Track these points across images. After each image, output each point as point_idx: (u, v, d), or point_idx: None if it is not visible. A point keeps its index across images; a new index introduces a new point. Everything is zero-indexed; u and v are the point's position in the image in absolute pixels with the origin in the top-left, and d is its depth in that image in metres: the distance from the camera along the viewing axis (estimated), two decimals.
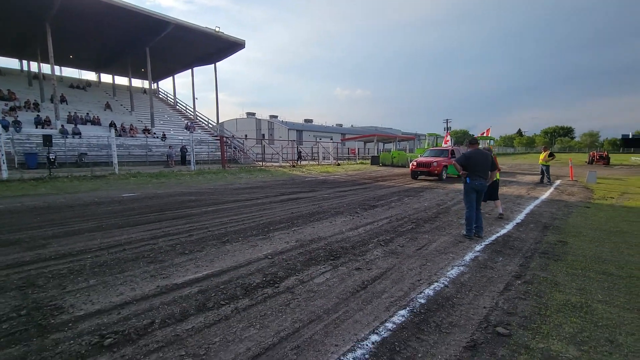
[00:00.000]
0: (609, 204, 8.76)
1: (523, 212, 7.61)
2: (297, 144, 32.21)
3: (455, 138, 59.36)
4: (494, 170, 5.62)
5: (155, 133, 26.57)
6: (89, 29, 23.60)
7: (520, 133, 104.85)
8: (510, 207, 8.16)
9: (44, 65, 27.58)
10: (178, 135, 27.64)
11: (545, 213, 7.47)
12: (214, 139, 29.80)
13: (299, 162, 28.97)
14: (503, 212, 7.14)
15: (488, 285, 3.46)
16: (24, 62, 30.11)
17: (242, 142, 31.84)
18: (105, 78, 35.80)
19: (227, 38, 27.33)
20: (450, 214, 7.24)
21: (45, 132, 19.28)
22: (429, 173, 14.70)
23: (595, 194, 10.59)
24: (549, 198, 9.82)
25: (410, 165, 15.91)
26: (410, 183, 13.70)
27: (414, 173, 15.27)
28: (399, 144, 47.31)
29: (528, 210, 7.77)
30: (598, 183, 13.81)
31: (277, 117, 57.12)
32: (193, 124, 31.95)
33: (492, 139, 31.43)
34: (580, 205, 8.50)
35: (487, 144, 26.79)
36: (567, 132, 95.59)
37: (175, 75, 36.32)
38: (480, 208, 5.54)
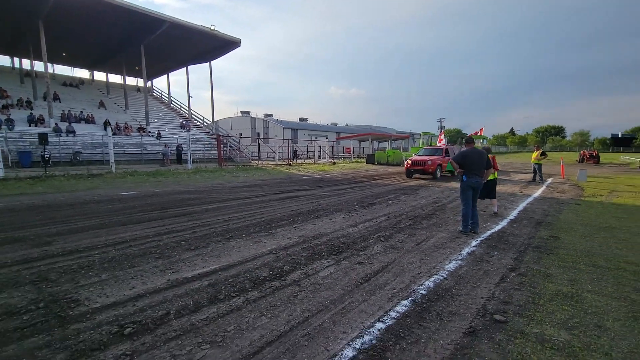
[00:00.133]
0: (599, 201, 9.05)
1: (516, 209, 7.83)
2: (292, 143, 32.29)
3: (449, 137, 59.89)
4: (489, 169, 5.81)
5: (150, 132, 26.47)
6: (83, 27, 23.39)
7: (513, 132, 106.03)
8: (504, 204, 8.38)
9: (36, 63, 27.30)
10: (173, 134, 27.57)
11: (538, 210, 7.71)
12: (210, 138, 29.77)
13: (295, 160, 29.07)
14: (498, 210, 7.36)
15: (485, 278, 3.63)
16: (16, 59, 29.74)
17: (237, 140, 31.85)
18: (99, 76, 35.53)
19: (222, 36, 27.30)
20: (447, 211, 7.43)
21: (40, 130, 19.14)
22: (424, 171, 14.90)
23: (586, 192, 10.91)
24: (541, 196, 10.09)
25: (405, 164, 16.07)
26: (406, 181, 13.90)
27: (409, 171, 15.44)
28: (394, 143, 47.64)
29: (521, 208, 8.00)
30: (588, 181, 14.18)
31: (271, 115, 57.07)
32: (188, 123, 31.85)
33: (485, 138, 31.81)
34: (571, 203, 8.77)
35: (481, 143, 27.18)
36: (558, 131, 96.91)
37: (169, 74, 36.17)
38: (476, 205, 5.73)
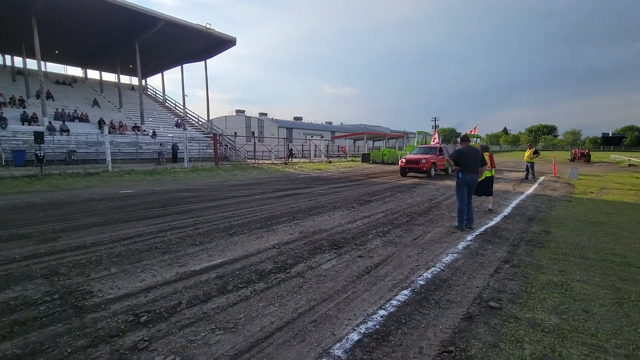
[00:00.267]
0: (589, 198, 9.33)
1: (510, 205, 8.06)
2: (287, 142, 32.36)
3: (443, 136, 60.41)
4: (484, 166, 6.00)
5: (145, 130, 26.34)
6: (77, 24, 23.17)
7: (506, 131, 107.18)
8: (498, 201, 8.60)
9: (28, 61, 26.98)
10: (168, 133, 27.45)
11: (530, 206, 7.94)
12: (205, 137, 29.72)
13: (291, 159, 29.17)
14: (492, 207, 7.56)
15: (480, 269, 3.80)
16: (7, 56, 29.38)
17: (232, 139, 31.84)
18: (92, 74, 35.14)
19: (218, 35, 27.23)
20: (442, 208, 7.62)
21: (33, 129, 18.98)
22: (418, 170, 15.05)
23: (577, 189, 11.21)
24: (534, 193, 10.35)
25: (400, 163, 16.23)
26: (402, 180, 14.11)
27: (403, 170, 15.57)
28: (388, 142, 48.00)
29: (514, 204, 8.23)
30: (579, 179, 14.53)
31: (266, 114, 57.03)
32: (183, 122, 31.74)
33: (478, 137, 32.19)
34: (563, 199, 9.04)
35: (474, 142, 27.52)
36: (550, 130, 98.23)
37: (163, 72, 35.95)
38: (471, 201, 5.92)
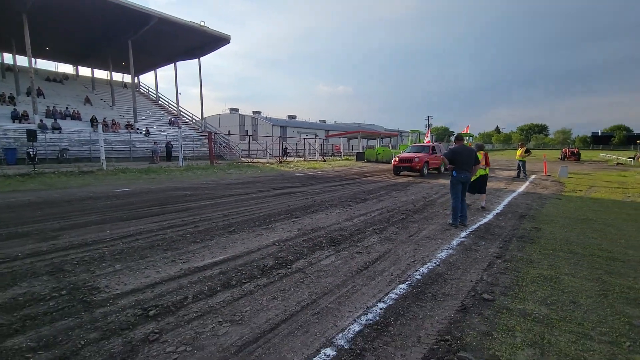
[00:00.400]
0: (578, 196, 9.60)
1: (502, 203, 8.27)
2: (281, 140, 32.38)
3: (436, 135, 60.85)
4: (477, 165, 6.16)
5: (139, 128, 26.13)
6: (68, 20, 22.87)
7: (498, 130, 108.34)
8: (491, 199, 8.80)
9: (18, 57, 26.58)
10: (161, 131, 27.27)
11: (522, 204, 8.16)
12: (199, 135, 29.59)
13: (286, 158, 29.22)
14: (485, 204, 7.75)
15: (473, 264, 3.95)
16: None
17: (226, 138, 31.74)
18: (83, 71, 34.73)
19: (212, 33, 27.09)
20: (436, 206, 7.79)
21: (24, 127, 18.72)
22: (411, 169, 15.10)
23: (566, 187, 11.50)
24: (525, 191, 10.60)
25: (393, 161, 16.30)
26: (397, 178, 14.26)
27: (397, 169, 15.56)
28: (382, 141, 48.26)
29: (506, 202, 8.44)
30: (569, 177, 14.87)
31: (260, 112, 56.85)
32: (177, 120, 31.54)
33: (471, 136, 32.59)
34: (553, 197, 9.29)
35: (467, 141, 27.87)
36: (541, 129, 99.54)
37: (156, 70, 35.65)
38: (465, 199, 6.09)
